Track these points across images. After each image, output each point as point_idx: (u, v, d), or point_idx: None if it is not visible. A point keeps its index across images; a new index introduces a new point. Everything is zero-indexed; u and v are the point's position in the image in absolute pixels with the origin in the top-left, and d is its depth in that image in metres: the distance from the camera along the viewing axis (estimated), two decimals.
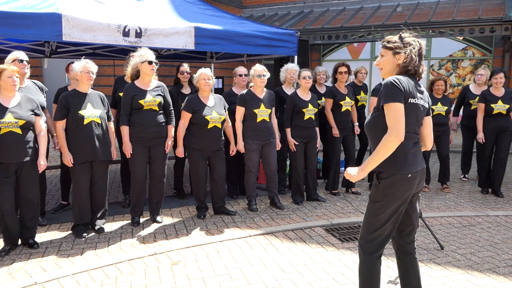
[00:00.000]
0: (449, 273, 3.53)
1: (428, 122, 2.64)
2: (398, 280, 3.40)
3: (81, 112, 4.10)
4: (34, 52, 6.67)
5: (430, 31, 10.47)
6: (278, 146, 5.25)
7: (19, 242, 3.98)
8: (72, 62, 4.87)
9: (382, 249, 2.62)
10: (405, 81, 2.43)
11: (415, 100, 2.46)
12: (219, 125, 4.72)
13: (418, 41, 2.54)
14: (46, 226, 4.54)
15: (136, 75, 4.49)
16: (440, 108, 5.95)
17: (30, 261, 3.71)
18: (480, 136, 5.95)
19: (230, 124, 5.00)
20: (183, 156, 4.87)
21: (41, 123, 3.98)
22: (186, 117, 4.68)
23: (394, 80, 2.41)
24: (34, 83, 4.54)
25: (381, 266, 2.64)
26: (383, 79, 2.61)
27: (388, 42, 2.56)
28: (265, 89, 5.12)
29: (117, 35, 4.53)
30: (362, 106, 6.41)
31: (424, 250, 4.01)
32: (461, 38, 12.13)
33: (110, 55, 7.29)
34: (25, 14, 4.01)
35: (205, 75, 4.65)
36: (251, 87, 5.14)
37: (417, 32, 2.60)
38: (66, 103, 4.09)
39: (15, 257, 3.77)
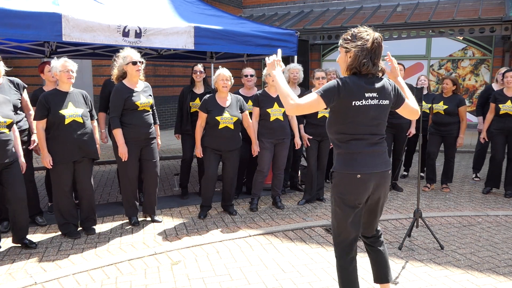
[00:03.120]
0: (449, 273, 3.53)
1: (404, 107, 2.61)
2: (398, 280, 3.40)
3: (62, 111, 4.00)
4: (34, 52, 6.67)
5: (430, 31, 10.47)
6: (298, 144, 5.24)
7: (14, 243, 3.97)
8: (44, 62, 4.84)
9: (352, 252, 2.60)
10: (349, 84, 2.40)
11: (361, 102, 2.40)
12: (231, 126, 4.70)
13: (372, 35, 2.42)
14: (46, 226, 4.54)
15: (122, 76, 4.45)
16: (439, 107, 5.90)
17: (30, 261, 3.71)
18: (482, 135, 5.92)
19: (251, 126, 4.99)
20: (202, 155, 4.87)
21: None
22: (202, 117, 4.74)
23: (338, 82, 2.40)
24: (10, 80, 4.38)
25: (356, 269, 2.62)
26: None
27: (342, 39, 2.51)
28: None
29: (117, 35, 4.52)
30: None
31: (424, 250, 4.01)
32: (461, 38, 12.13)
33: (110, 55, 7.28)
34: (25, 14, 4.01)
35: (224, 76, 4.65)
36: (265, 87, 5.19)
37: (376, 27, 2.52)
38: (46, 102, 3.98)
39: (15, 257, 3.77)
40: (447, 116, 5.87)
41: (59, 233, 4.31)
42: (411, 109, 2.64)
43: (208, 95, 4.84)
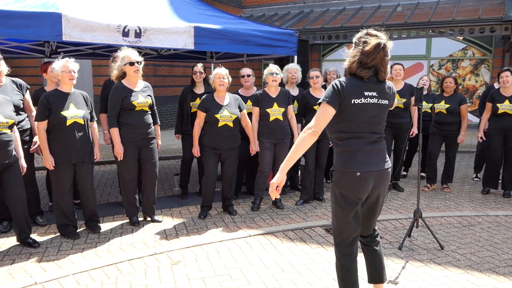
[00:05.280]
0: (449, 273, 3.53)
1: None
2: (398, 280, 3.40)
3: (64, 112, 3.97)
4: (34, 52, 6.67)
5: (430, 31, 10.48)
6: None
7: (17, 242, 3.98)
8: (48, 62, 4.83)
9: (353, 251, 2.60)
10: (347, 84, 2.43)
11: (360, 100, 2.43)
12: (231, 124, 4.72)
13: (375, 41, 2.39)
14: (46, 226, 4.54)
15: (122, 76, 4.45)
16: (441, 106, 5.88)
17: (30, 261, 3.71)
18: (479, 135, 5.91)
19: (249, 125, 5.02)
20: (199, 155, 4.90)
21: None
22: (200, 116, 4.74)
23: (335, 83, 2.45)
24: (13, 81, 4.37)
25: (356, 269, 2.62)
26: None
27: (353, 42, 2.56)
28: (279, 88, 5.14)
29: (117, 35, 4.53)
30: None
31: (424, 250, 4.01)
32: (461, 38, 12.13)
33: (110, 55, 7.27)
34: (25, 14, 4.01)
35: (220, 74, 4.69)
36: (265, 87, 5.19)
37: (376, 27, 2.52)
38: (48, 103, 3.94)
39: (15, 257, 3.77)
40: (450, 115, 5.87)
41: (59, 233, 4.31)
42: None
43: (206, 95, 4.86)
